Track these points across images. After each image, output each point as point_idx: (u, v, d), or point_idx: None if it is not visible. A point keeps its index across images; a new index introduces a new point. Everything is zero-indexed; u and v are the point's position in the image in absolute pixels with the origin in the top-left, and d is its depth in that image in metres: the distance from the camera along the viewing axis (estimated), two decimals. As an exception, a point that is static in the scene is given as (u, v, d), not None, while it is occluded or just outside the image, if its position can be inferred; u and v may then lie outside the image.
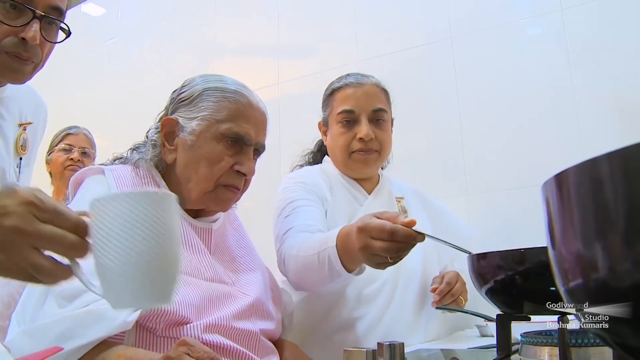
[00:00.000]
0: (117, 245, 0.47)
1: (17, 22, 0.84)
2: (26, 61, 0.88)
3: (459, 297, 1.18)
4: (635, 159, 0.28)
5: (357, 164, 1.24)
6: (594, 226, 0.31)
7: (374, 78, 1.28)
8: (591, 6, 1.63)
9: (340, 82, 1.27)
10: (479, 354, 0.93)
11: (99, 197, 0.49)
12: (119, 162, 0.95)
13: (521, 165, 1.68)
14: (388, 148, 1.27)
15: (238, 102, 0.90)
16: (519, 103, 1.72)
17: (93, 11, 3.18)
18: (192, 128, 0.89)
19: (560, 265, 0.35)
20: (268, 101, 1.03)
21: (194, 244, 0.89)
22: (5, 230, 0.47)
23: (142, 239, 0.47)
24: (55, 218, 0.49)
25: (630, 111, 1.54)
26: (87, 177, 0.89)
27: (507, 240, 0.81)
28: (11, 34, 0.84)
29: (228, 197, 0.92)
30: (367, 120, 1.21)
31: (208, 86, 0.91)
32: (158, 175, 0.92)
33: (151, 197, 0.49)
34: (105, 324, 0.68)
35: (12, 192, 0.50)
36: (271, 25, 2.33)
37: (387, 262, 0.80)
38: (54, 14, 0.88)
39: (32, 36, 0.84)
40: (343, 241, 0.89)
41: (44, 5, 0.86)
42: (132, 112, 2.47)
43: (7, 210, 0.48)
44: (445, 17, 1.90)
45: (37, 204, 0.48)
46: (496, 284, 0.69)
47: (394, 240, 0.75)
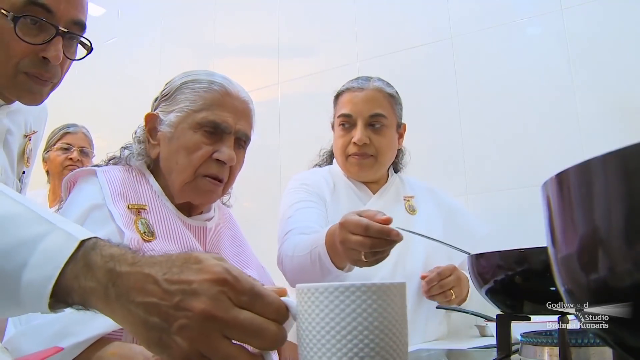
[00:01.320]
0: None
1: (37, 40, 0.76)
2: (46, 82, 0.81)
3: (449, 290, 1.16)
4: (635, 159, 0.28)
5: (353, 167, 1.26)
6: (594, 226, 0.31)
7: (379, 82, 1.28)
8: (591, 6, 1.63)
9: (345, 85, 1.29)
10: (479, 354, 0.93)
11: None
12: (112, 163, 0.96)
13: (521, 165, 1.68)
14: (387, 153, 1.27)
15: (214, 90, 0.90)
16: (519, 103, 1.72)
17: (93, 11, 3.18)
18: (170, 120, 0.90)
19: (560, 265, 0.35)
20: (268, 101, 1.03)
21: (190, 242, 0.89)
22: (194, 315, 0.38)
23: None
24: (254, 302, 0.40)
25: (630, 111, 1.54)
26: (80, 179, 0.89)
27: (507, 240, 0.81)
28: (31, 53, 0.77)
29: (208, 187, 0.90)
30: (363, 125, 1.22)
31: (185, 80, 0.93)
32: (148, 172, 0.93)
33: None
34: (101, 322, 0.68)
35: (196, 261, 0.41)
36: (271, 25, 2.33)
37: (362, 260, 0.84)
38: (76, 30, 0.81)
39: (54, 56, 0.77)
40: (330, 239, 0.94)
41: (66, 21, 0.79)
42: (132, 112, 2.47)
43: (194, 290, 0.39)
44: (445, 17, 1.90)
45: (233, 284, 0.40)
46: (496, 284, 0.69)
47: (368, 235, 0.80)
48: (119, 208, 0.83)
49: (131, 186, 0.89)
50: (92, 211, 0.81)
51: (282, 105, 2.17)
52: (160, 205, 0.90)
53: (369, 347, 0.42)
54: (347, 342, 0.42)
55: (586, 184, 0.31)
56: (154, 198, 0.90)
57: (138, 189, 0.89)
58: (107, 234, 0.79)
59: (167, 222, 0.88)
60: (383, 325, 0.43)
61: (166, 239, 0.86)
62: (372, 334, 0.42)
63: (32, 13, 0.75)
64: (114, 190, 0.85)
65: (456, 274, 1.18)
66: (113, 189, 0.85)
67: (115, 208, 0.82)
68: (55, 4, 0.77)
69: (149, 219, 0.86)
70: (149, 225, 0.85)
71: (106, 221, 0.81)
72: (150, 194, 0.90)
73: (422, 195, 1.35)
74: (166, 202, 0.91)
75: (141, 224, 0.84)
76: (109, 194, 0.84)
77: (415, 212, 1.28)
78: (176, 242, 0.87)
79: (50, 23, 0.77)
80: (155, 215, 0.87)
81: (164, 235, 0.86)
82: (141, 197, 0.88)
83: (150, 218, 0.86)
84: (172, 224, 0.89)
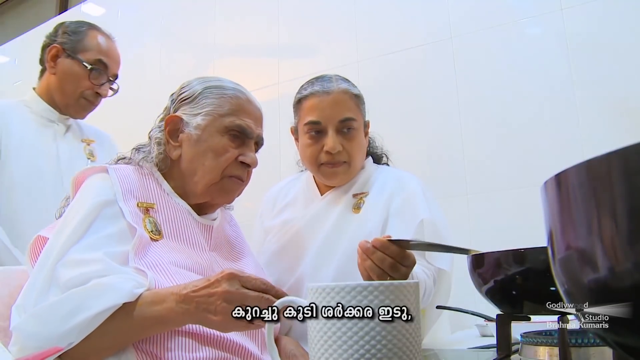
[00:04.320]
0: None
1: (97, 82, 1.42)
2: (94, 106, 1.48)
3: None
4: (635, 159, 0.28)
5: (326, 176, 1.18)
6: (594, 226, 0.31)
7: (343, 83, 1.18)
8: (591, 6, 1.63)
9: (306, 90, 1.19)
10: (479, 354, 0.93)
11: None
12: (122, 163, 0.96)
13: (521, 165, 1.68)
14: (358, 157, 1.19)
15: (238, 97, 0.96)
16: (519, 103, 1.72)
17: (93, 11, 3.18)
18: (197, 123, 0.93)
19: (560, 265, 0.35)
20: (268, 101, 1.04)
21: (197, 240, 0.91)
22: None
23: None
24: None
25: (630, 111, 1.54)
26: (90, 176, 0.89)
27: (507, 240, 0.81)
28: (91, 89, 1.42)
29: (234, 187, 0.96)
30: (334, 131, 1.13)
31: (208, 85, 0.96)
32: (161, 177, 0.94)
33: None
34: (114, 294, 0.70)
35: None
36: (271, 25, 2.33)
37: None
38: (114, 78, 1.48)
39: (105, 93, 1.46)
40: None
41: (113, 73, 1.47)
42: (132, 112, 2.47)
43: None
44: (445, 17, 1.90)
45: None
46: (496, 284, 0.69)
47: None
48: (129, 205, 0.84)
49: (141, 184, 0.89)
50: (103, 207, 0.82)
51: (282, 105, 2.17)
52: (170, 204, 0.91)
53: (382, 344, 0.43)
54: (359, 339, 0.43)
55: (586, 184, 0.31)
56: (163, 196, 0.91)
57: (147, 187, 0.90)
58: (118, 231, 0.80)
59: (176, 221, 0.89)
60: (400, 325, 0.43)
61: (173, 238, 0.87)
62: (389, 334, 0.43)
63: (98, 66, 1.42)
64: (124, 188, 0.86)
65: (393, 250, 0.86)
66: (124, 186, 0.86)
67: (126, 205, 0.83)
68: (110, 63, 1.45)
69: (157, 217, 0.87)
70: (157, 224, 0.86)
71: (117, 218, 0.82)
72: (160, 193, 0.91)
73: (379, 190, 1.20)
74: (177, 200, 0.93)
75: (149, 222, 0.85)
76: (120, 191, 0.85)
77: (359, 210, 1.17)
78: (183, 241, 0.88)
79: (106, 73, 1.44)
80: (164, 213, 0.89)
81: (171, 234, 0.87)
82: (150, 195, 0.89)
83: (158, 217, 0.87)
84: (182, 222, 0.90)
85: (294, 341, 1.00)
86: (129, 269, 0.76)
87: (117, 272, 0.74)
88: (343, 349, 0.43)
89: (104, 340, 0.71)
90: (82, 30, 1.44)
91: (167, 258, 0.81)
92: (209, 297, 0.68)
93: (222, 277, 0.68)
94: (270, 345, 0.56)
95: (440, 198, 1.69)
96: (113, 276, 0.72)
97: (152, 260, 0.79)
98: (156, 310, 0.71)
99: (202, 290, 0.69)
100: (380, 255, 0.82)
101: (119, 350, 0.73)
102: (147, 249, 0.81)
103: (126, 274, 0.74)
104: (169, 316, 0.71)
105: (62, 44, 1.41)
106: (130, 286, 0.72)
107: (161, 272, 0.78)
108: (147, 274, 0.75)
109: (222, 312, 0.67)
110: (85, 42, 1.42)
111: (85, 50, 1.41)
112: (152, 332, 0.74)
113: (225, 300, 0.67)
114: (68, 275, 0.73)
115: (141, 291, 0.73)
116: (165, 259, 0.81)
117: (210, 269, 0.89)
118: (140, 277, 0.75)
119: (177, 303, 0.70)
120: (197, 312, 0.69)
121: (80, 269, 0.73)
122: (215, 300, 0.67)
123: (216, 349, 0.78)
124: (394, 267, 0.81)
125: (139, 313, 0.71)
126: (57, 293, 0.72)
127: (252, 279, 0.69)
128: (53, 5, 4.07)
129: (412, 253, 0.85)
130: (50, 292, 0.73)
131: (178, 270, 0.81)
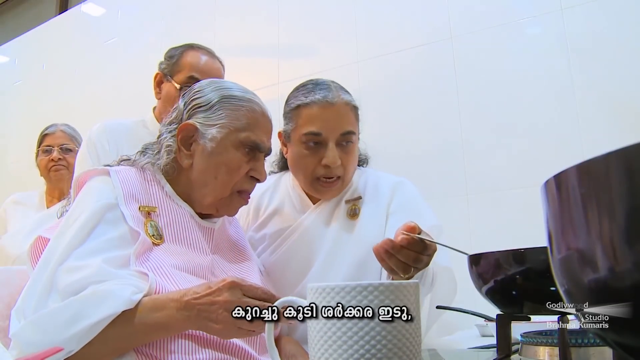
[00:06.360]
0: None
1: None
2: None
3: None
4: (635, 159, 0.28)
5: (319, 192, 1.14)
6: (594, 226, 0.31)
7: (344, 94, 1.12)
8: (591, 6, 1.63)
9: (307, 97, 1.11)
10: (479, 354, 0.93)
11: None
12: (125, 164, 0.95)
13: (521, 165, 1.68)
14: (352, 171, 1.16)
15: (254, 111, 0.95)
16: (519, 103, 1.72)
17: (93, 11, 3.18)
18: (212, 135, 0.91)
19: (560, 265, 0.35)
20: (268, 101, 1.03)
21: (198, 243, 0.91)
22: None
23: None
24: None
25: (630, 111, 1.54)
26: (92, 178, 0.89)
27: (507, 240, 0.81)
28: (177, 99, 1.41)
29: (240, 204, 0.97)
30: (334, 144, 1.09)
31: (224, 94, 0.94)
32: (163, 179, 0.93)
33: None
34: (113, 301, 0.70)
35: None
36: (271, 25, 2.33)
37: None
38: None
39: None
40: None
41: None
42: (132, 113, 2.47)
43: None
44: (445, 17, 1.90)
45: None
46: (496, 284, 0.69)
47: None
48: (130, 209, 0.83)
49: (142, 187, 0.89)
50: (106, 212, 0.81)
51: (282, 106, 2.17)
52: (172, 207, 0.90)
53: (382, 344, 0.43)
54: (359, 339, 0.43)
55: (586, 184, 0.31)
56: (165, 199, 0.90)
57: (149, 191, 0.89)
58: (119, 235, 0.80)
59: (178, 223, 0.89)
60: (400, 325, 0.43)
61: (174, 241, 0.87)
62: (389, 334, 0.43)
63: (189, 83, 1.31)
64: (126, 191, 0.85)
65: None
66: (126, 189, 0.85)
67: (127, 209, 0.82)
68: (203, 77, 1.36)
69: (159, 221, 0.86)
70: (158, 228, 0.85)
71: (119, 222, 0.81)
72: (162, 195, 0.90)
73: (373, 193, 1.19)
74: (180, 203, 0.92)
75: (150, 226, 0.84)
76: (122, 194, 0.84)
77: (357, 216, 1.15)
78: (184, 244, 0.88)
79: None
80: (165, 217, 0.88)
81: (173, 237, 0.87)
82: (152, 198, 0.89)
83: (159, 220, 0.87)
84: (183, 224, 0.90)
85: (294, 341, 1.00)
86: (128, 272, 0.76)
87: (115, 277, 0.73)
88: (343, 349, 0.43)
89: (106, 347, 0.71)
90: (177, 52, 1.50)
91: (168, 261, 0.81)
92: (211, 306, 0.69)
93: (223, 286, 0.69)
94: (270, 346, 0.56)
95: (440, 198, 1.70)
96: (111, 282, 0.72)
97: (153, 264, 0.79)
98: (157, 317, 0.71)
99: (203, 298, 0.70)
100: (406, 252, 0.82)
101: (121, 355, 0.73)
102: (149, 253, 0.81)
103: (124, 279, 0.74)
104: (170, 323, 0.71)
105: (162, 70, 1.50)
106: (129, 293, 0.71)
107: (163, 276, 0.78)
108: (148, 276, 0.75)
109: (224, 320, 0.68)
110: (180, 62, 1.47)
111: (179, 72, 1.46)
112: (154, 338, 0.74)
113: (227, 309, 0.67)
114: (67, 280, 0.72)
115: (139, 297, 0.72)
116: (167, 262, 0.81)
117: (212, 272, 0.88)
118: (139, 281, 0.75)
119: (178, 310, 0.70)
120: (199, 319, 0.70)
121: (80, 274, 0.72)
122: (217, 309, 0.68)
123: (216, 351, 0.78)
124: (418, 259, 0.83)
125: (140, 320, 0.71)
126: (56, 299, 0.72)
127: (254, 288, 0.70)
128: (53, 5, 4.07)
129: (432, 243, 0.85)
130: (50, 298, 0.73)
131: (179, 274, 0.81)
